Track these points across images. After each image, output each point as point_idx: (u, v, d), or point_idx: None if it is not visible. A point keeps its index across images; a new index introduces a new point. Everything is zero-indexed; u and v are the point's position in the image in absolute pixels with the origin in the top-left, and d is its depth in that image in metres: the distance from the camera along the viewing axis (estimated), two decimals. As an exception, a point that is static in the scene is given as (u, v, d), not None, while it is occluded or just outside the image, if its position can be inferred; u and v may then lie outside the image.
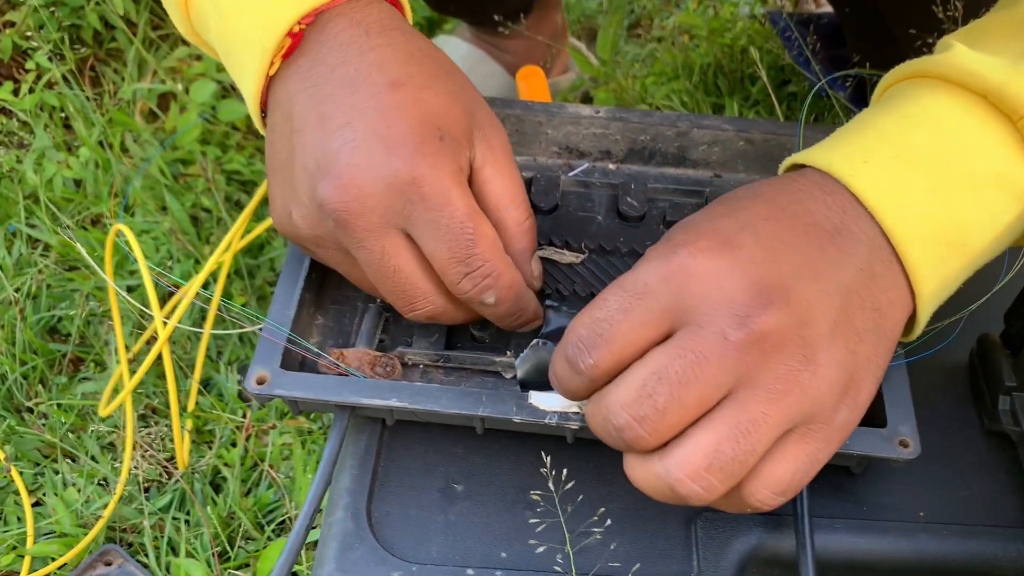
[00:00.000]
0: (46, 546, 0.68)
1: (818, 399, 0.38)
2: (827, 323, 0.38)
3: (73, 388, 0.78)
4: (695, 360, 0.37)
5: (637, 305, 0.38)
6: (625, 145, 0.59)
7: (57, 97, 0.95)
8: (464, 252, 0.44)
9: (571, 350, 0.40)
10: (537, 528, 0.48)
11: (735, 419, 0.37)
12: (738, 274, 0.37)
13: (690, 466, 0.37)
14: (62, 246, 0.86)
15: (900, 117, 0.43)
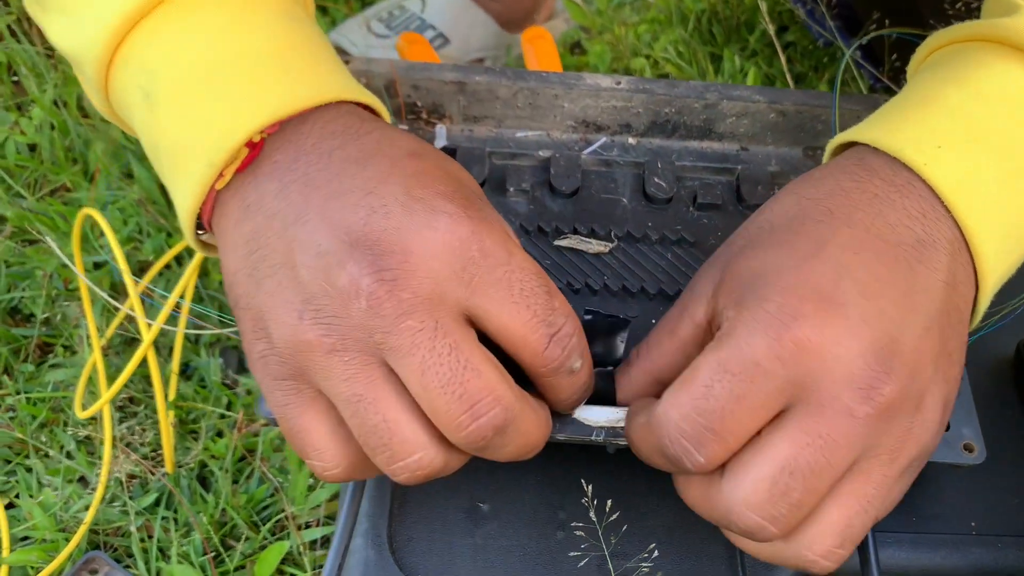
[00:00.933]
0: (24, 554, 0.64)
1: (926, 443, 0.36)
2: (931, 364, 0.35)
3: (42, 377, 0.73)
4: (825, 445, 0.33)
5: (751, 391, 0.33)
6: (647, 118, 0.55)
7: (3, 53, 0.86)
8: (545, 309, 0.35)
9: (674, 447, 0.35)
10: (579, 563, 0.44)
11: (862, 491, 0.35)
12: (853, 341, 0.33)
13: (823, 547, 0.35)
14: (18, 219, 0.79)
15: (971, 91, 0.40)
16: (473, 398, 0.34)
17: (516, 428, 0.35)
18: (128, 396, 0.71)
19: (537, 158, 0.53)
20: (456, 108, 0.54)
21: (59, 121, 0.84)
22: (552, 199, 0.52)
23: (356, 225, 0.35)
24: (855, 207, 0.37)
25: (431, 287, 0.34)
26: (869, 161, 0.39)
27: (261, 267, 0.36)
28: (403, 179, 0.36)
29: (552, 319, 0.36)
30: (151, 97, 0.39)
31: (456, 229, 0.35)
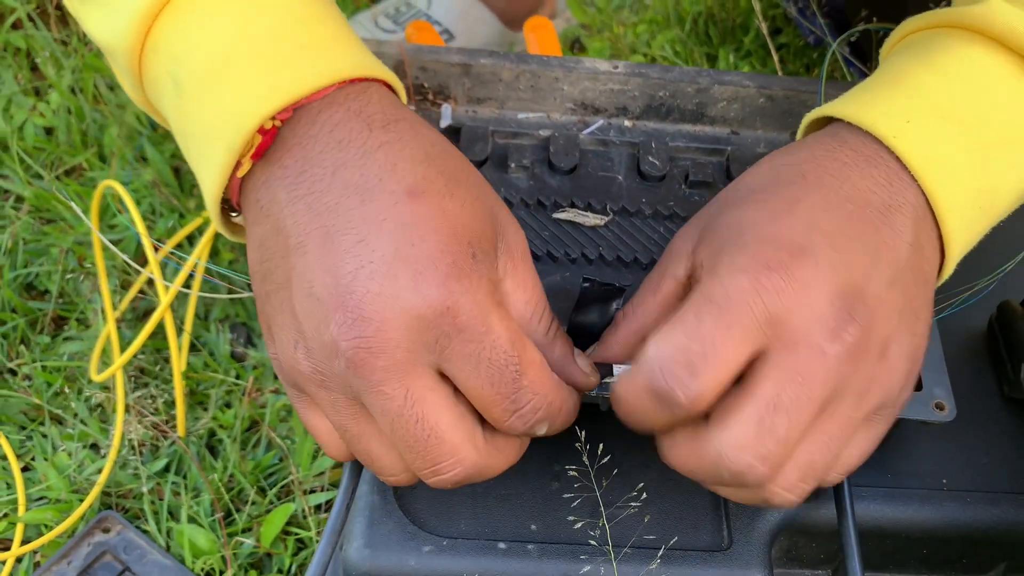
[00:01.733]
0: (39, 513, 0.66)
1: (891, 389, 0.39)
2: (895, 315, 0.38)
3: (57, 348, 0.75)
4: (803, 381, 0.36)
5: (736, 321, 0.36)
6: (643, 101, 0.58)
7: (24, 39, 0.89)
8: (511, 387, 0.38)
9: (663, 379, 0.36)
10: (572, 503, 0.47)
11: (827, 430, 0.38)
12: (823, 285, 0.37)
13: (788, 482, 0.38)
14: (36, 198, 0.82)
15: (938, 72, 0.43)
16: (436, 460, 0.38)
17: (483, 475, 0.40)
18: (140, 367, 0.74)
19: (538, 137, 0.56)
20: (461, 89, 0.57)
21: (75, 106, 0.87)
22: (551, 175, 0.55)
23: (344, 278, 0.36)
24: (825, 171, 0.40)
25: (404, 356, 0.36)
26: (841, 134, 0.42)
27: (268, 280, 0.39)
28: (395, 230, 0.37)
29: (516, 396, 0.38)
30: (179, 84, 0.41)
31: (434, 303, 0.36)
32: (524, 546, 0.46)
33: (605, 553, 0.46)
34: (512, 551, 0.46)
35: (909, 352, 0.39)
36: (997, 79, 0.42)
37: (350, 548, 0.46)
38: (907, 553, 0.50)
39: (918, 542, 0.49)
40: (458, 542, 0.46)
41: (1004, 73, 0.42)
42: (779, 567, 0.50)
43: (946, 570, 0.51)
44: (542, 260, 0.52)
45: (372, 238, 0.37)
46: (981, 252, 0.53)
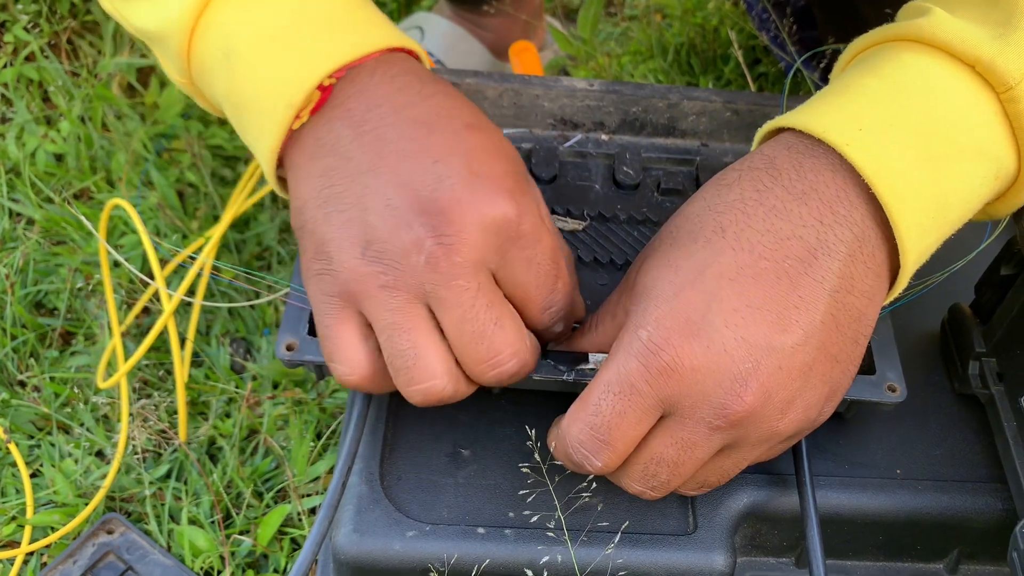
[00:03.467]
0: (47, 516, 0.69)
1: (798, 429, 0.43)
2: (800, 373, 0.41)
3: (65, 362, 0.79)
4: (685, 446, 0.42)
5: (629, 407, 0.41)
6: (618, 116, 0.62)
7: (37, 71, 0.94)
8: (550, 288, 0.45)
9: (576, 456, 0.43)
10: (540, 489, 0.50)
11: (721, 465, 0.45)
12: (712, 368, 0.40)
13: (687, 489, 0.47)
14: (47, 220, 0.86)
15: (889, 82, 0.43)
16: (498, 349, 0.43)
17: (525, 371, 0.45)
18: (143, 379, 0.78)
19: (520, 150, 0.61)
20: (447, 105, 0.61)
21: (85, 134, 0.91)
22: None
23: (425, 191, 0.42)
24: (748, 224, 0.41)
25: (478, 255, 0.42)
26: (779, 162, 0.43)
27: (332, 201, 0.43)
28: (465, 153, 0.43)
29: (551, 297, 0.45)
30: (231, 57, 0.46)
31: (506, 212, 0.42)
32: (501, 531, 0.50)
33: (575, 536, 0.49)
34: (490, 536, 0.49)
35: (817, 400, 0.42)
36: (946, 88, 0.42)
37: (339, 534, 0.50)
38: (865, 540, 0.53)
39: (874, 529, 0.52)
40: (440, 527, 0.50)
41: (953, 82, 0.42)
42: (744, 555, 0.53)
43: (903, 556, 0.54)
44: None
45: (445, 159, 0.42)
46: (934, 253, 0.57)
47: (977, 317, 0.55)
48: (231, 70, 0.46)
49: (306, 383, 0.78)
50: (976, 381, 0.54)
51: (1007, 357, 0.52)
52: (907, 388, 0.55)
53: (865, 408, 0.54)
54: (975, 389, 0.54)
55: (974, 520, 0.52)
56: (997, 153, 0.43)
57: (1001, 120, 0.42)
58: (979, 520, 0.52)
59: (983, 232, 0.55)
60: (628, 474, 0.44)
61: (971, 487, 0.52)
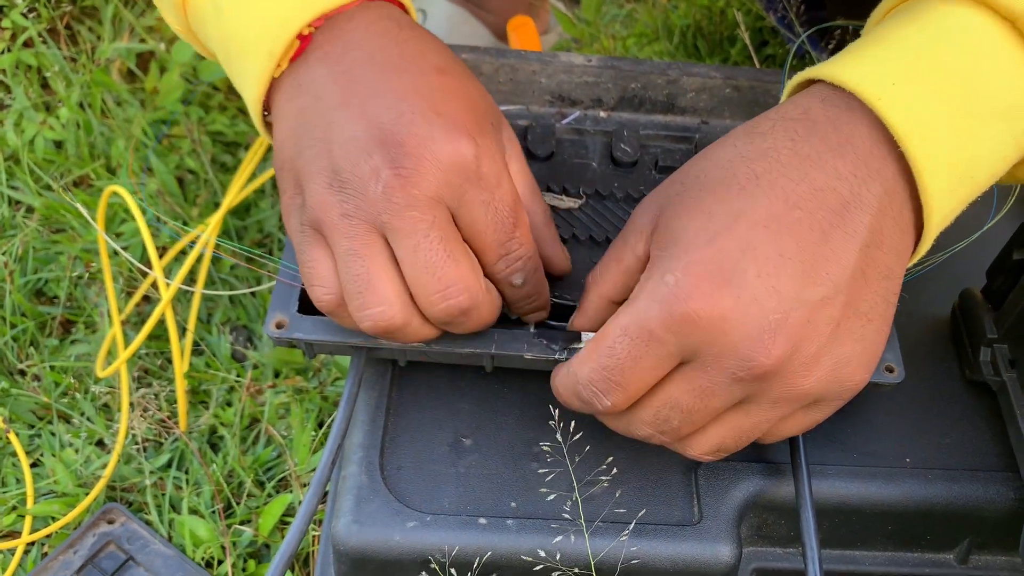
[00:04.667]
0: (47, 506, 0.69)
1: (825, 391, 0.42)
2: (829, 328, 0.40)
3: (65, 351, 0.78)
4: (702, 393, 0.41)
5: (646, 353, 0.41)
6: (616, 93, 0.61)
7: (35, 56, 0.93)
8: (507, 235, 0.45)
9: (586, 393, 0.43)
10: (547, 477, 0.49)
11: (740, 423, 0.43)
12: (741, 318, 0.39)
13: (698, 451, 0.45)
14: (46, 208, 0.86)
15: (928, 33, 0.41)
16: (448, 282, 0.43)
17: (477, 311, 0.44)
18: (144, 368, 0.77)
19: (517, 126, 0.60)
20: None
21: (84, 120, 0.90)
22: (530, 162, 0.58)
23: (387, 124, 0.43)
24: (782, 173, 0.40)
25: (434, 190, 0.42)
26: (814, 114, 0.41)
27: (304, 137, 0.45)
28: (430, 93, 0.44)
29: (509, 244, 0.45)
30: (219, 7, 0.47)
31: (464, 150, 0.43)
32: (503, 521, 0.49)
33: (579, 527, 0.48)
34: (492, 526, 0.49)
35: (847, 359, 0.41)
36: (989, 43, 0.40)
37: (338, 524, 0.49)
38: (873, 530, 0.52)
39: (883, 518, 0.51)
40: (440, 518, 0.49)
41: (996, 38, 0.40)
42: (751, 545, 0.52)
43: (912, 547, 0.53)
44: None
45: (410, 98, 0.43)
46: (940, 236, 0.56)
47: (989, 303, 0.54)
48: (219, 20, 0.47)
49: (307, 371, 0.77)
50: (987, 368, 0.53)
51: (1019, 343, 0.51)
52: (917, 375, 0.54)
53: (870, 394, 0.53)
54: (986, 376, 0.53)
55: (985, 509, 0.51)
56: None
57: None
58: (990, 509, 0.51)
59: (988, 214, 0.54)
60: (639, 415, 0.43)
61: (982, 476, 0.51)
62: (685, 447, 0.45)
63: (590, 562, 0.48)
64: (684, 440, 0.44)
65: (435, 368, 0.54)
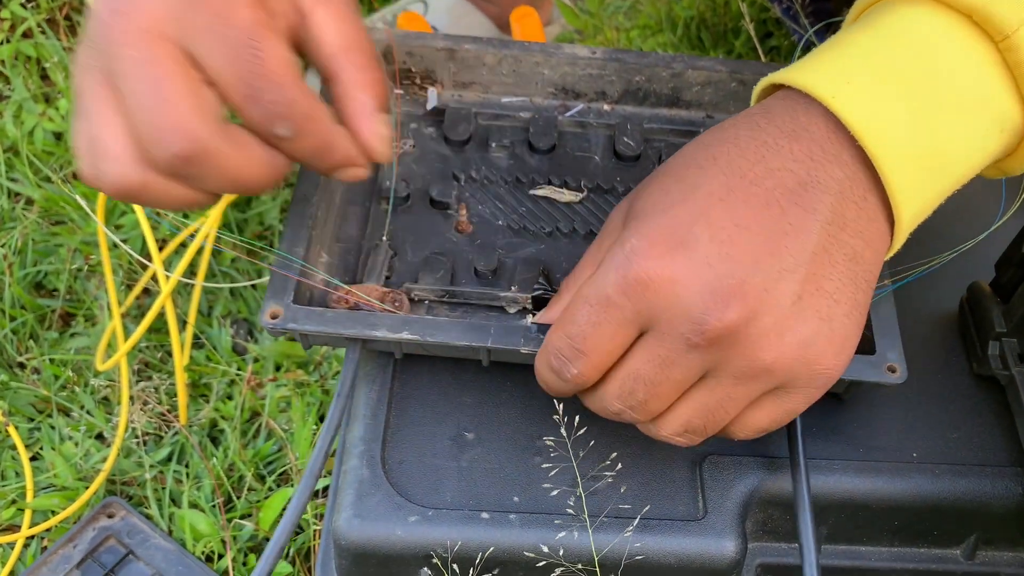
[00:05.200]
0: (47, 499, 0.69)
1: (790, 371, 0.41)
2: (789, 301, 0.39)
3: (64, 343, 0.78)
4: (662, 363, 0.41)
5: (604, 318, 0.40)
6: (620, 86, 0.60)
7: (34, 47, 0.93)
8: (248, 70, 0.39)
9: (555, 361, 0.43)
10: (550, 472, 0.49)
11: (704, 400, 0.42)
12: (692, 280, 0.39)
13: (668, 431, 0.44)
14: (46, 200, 0.85)
15: (882, 35, 0.42)
16: (161, 126, 0.38)
17: (212, 161, 0.39)
18: (144, 361, 0.76)
19: (519, 119, 0.59)
20: (447, 74, 0.60)
21: (84, 111, 0.90)
22: (531, 155, 0.58)
23: None
24: (740, 155, 0.41)
25: (149, 22, 0.38)
26: (773, 108, 0.42)
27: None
28: None
29: (255, 83, 0.39)
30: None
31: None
32: (506, 516, 0.48)
33: (582, 522, 0.48)
34: (494, 520, 0.48)
35: (816, 334, 0.40)
36: (942, 38, 0.41)
37: (339, 519, 0.48)
38: (880, 525, 0.52)
39: (889, 513, 0.51)
40: (443, 512, 0.48)
41: (949, 32, 0.41)
42: (756, 540, 0.52)
43: (919, 542, 0.53)
44: (519, 234, 0.55)
45: None
46: (948, 231, 0.56)
47: (997, 296, 0.53)
48: None
49: (308, 365, 0.77)
50: (996, 362, 0.52)
51: (1028, 337, 0.51)
52: (925, 369, 0.54)
53: (874, 390, 0.53)
54: (995, 370, 0.52)
55: (993, 505, 0.50)
56: (999, 104, 0.41)
57: (1001, 71, 0.41)
58: (998, 505, 0.50)
59: (1000, 209, 0.53)
60: (608, 389, 0.43)
61: (990, 471, 0.51)
62: (654, 427, 0.44)
63: (594, 558, 0.47)
64: (654, 420, 0.44)
65: (437, 361, 0.53)
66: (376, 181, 0.58)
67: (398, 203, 0.57)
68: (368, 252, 0.55)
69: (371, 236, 0.56)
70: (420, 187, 0.58)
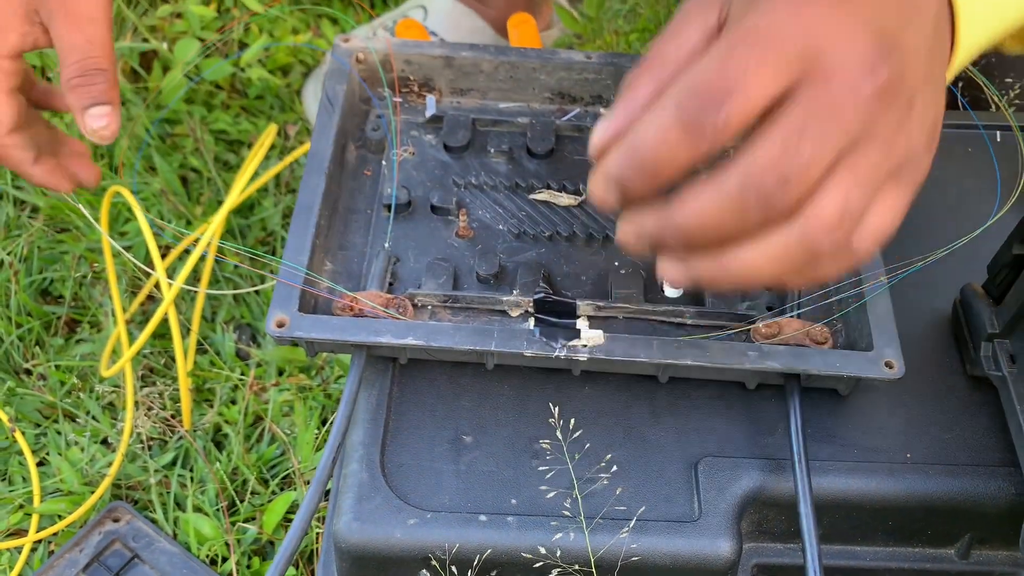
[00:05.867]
0: (53, 504, 0.69)
1: (916, 146, 0.38)
2: (923, 69, 0.38)
3: (70, 350, 0.79)
4: (832, 115, 0.35)
5: (772, 49, 0.35)
6: (617, 90, 0.61)
7: (38, 56, 0.94)
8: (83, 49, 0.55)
9: (691, 107, 0.34)
10: (547, 475, 0.50)
11: (857, 171, 0.36)
12: (861, 24, 0.36)
13: (826, 220, 0.36)
14: (51, 208, 0.86)
15: None
16: None
17: None
18: (149, 367, 0.77)
19: (517, 124, 0.60)
20: (444, 81, 0.61)
21: (88, 120, 0.91)
22: (529, 160, 0.59)
23: None
24: None
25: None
26: None
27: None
28: None
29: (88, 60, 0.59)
30: None
31: None
32: (504, 518, 0.49)
33: (579, 523, 0.48)
34: (492, 523, 0.49)
35: (932, 111, 0.39)
36: None
37: (339, 522, 0.49)
38: (874, 525, 0.52)
39: (883, 514, 0.51)
40: (441, 515, 0.49)
41: None
42: (752, 540, 0.52)
43: (913, 542, 0.53)
44: (520, 238, 0.56)
45: None
46: (943, 230, 0.56)
47: (990, 297, 0.54)
48: None
49: (311, 369, 0.77)
50: (988, 363, 0.52)
51: (1020, 338, 0.51)
52: (919, 370, 0.54)
53: (870, 388, 0.53)
54: (987, 371, 0.52)
55: (986, 505, 0.51)
56: None
57: None
58: (991, 505, 0.51)
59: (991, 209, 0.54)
60: (757, 152, 0.35)
61: (983, 471, 0.51)
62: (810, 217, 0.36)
63: (590, 559, 0.48)
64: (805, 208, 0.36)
65: (436, 366, 0.54)
66: (378, 189, 0.59)
67: (399, 210, 0.57)
68: (371, 259, 0.55)
69: (374, 243, 0.56)
70: (421, 194, 0.58)
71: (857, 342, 0.52)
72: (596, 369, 0.52)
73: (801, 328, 0.51)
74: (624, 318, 0.53)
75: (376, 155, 0.61)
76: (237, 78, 0.97)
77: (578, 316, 0.52)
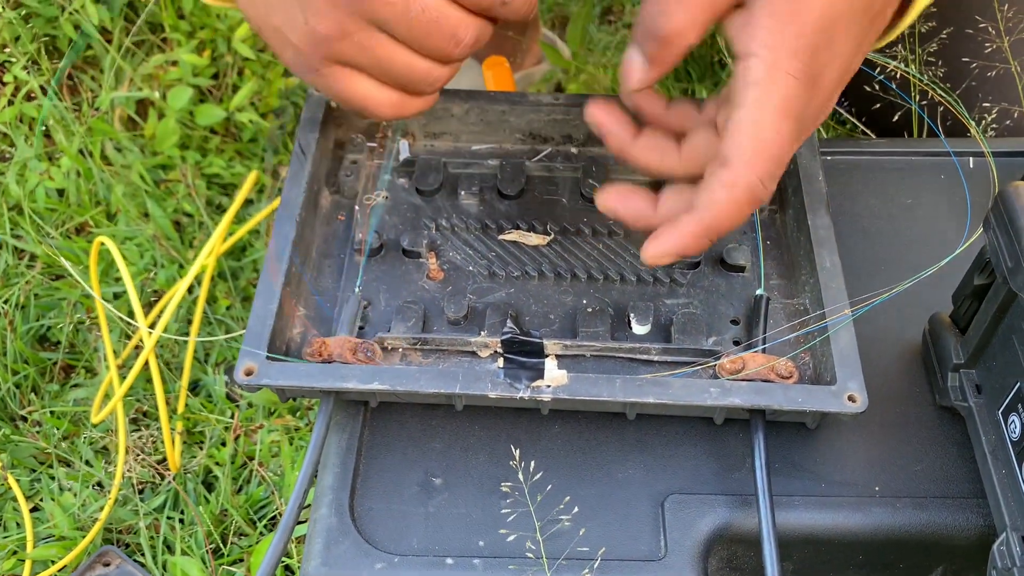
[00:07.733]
0: (46, 550, 0.71)
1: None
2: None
3: (65, 395, 0.80)
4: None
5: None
6: (585, 129, 0.62)
7: (36, 108, 0.96)
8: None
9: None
10: (508, 518, 0.50)
11: None
12: None
13: None
14: (48, 256, 0.88)
15: None
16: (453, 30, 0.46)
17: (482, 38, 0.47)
18: (142, 410, 0.79)
19: (488, 166, 0.61)
20: (418, 126, 0.62)
21: (84, 168, 0.93)
22: (499, 201, 0.60)
23: None
24: None
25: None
26: None
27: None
28: None
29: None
30: None
31: None
32: (470, 560, 0.49)
33: (542, 566, 0.48)
34: (459, 566, 0.49)
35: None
36: None
37: (309, 567, 0.50)
38: (844, 560, 0.52)
39: (853, 548, 0.51)
40: (409, 559, 0.49)
41: None
42: (724, 577, 0.53)
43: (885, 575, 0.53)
44: (489, 279, 0.57)
45: None
46: (910, 260, 0.56)
47: (956, 327, 0.54)
48: None
49: (298, 411, 0.78)
50: (956, 393, 0.52)
51: (984, 368, 0.51)
52: (888, 401, 0.54)
53: (839, 421, 0.53)
54: (954, 402, 0.52)
55: (955, 537, 0.50)
56: None
57: None
58: (960, 537, 0.50)
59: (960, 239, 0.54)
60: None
61: (951, 503, 0.51)
62: None
63: (553, 600, 0.48)
64: None
65: (407, 408, 0.55)
66: (350, 233, 0.60)
67: (371, 254, 0.58)
68: (342, 304, 0.56)
69: (346, 287, 0.57)
70: (393, 237, 0.59)
71: (823, 375, 0.52)
72: (563, 408, 0.53)
73: (766, 363, 0.51)
74: (592, 356, 0.54)
75: (350, 200, 0.62)
76: (231, 122, 0.99)
77: (546, 355, 0.53)
